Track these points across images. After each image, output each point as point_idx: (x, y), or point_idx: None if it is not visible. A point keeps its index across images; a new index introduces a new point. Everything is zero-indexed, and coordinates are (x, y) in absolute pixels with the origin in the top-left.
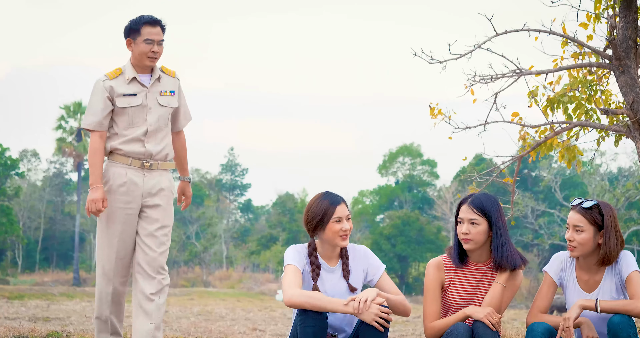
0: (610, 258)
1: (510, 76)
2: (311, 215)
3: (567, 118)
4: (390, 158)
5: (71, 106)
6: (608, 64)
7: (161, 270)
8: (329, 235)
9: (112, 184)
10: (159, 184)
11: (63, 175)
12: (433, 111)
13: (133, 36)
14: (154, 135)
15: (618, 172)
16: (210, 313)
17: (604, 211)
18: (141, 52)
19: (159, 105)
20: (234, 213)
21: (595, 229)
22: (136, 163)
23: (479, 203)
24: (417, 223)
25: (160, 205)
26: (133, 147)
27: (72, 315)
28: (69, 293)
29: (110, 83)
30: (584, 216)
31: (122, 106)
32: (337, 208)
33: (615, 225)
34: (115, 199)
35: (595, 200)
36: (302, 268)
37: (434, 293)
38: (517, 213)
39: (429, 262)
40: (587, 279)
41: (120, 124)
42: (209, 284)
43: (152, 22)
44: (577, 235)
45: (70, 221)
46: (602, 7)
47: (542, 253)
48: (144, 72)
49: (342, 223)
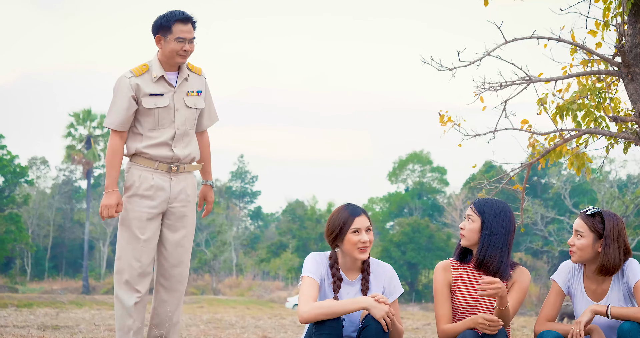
0: (610, 268)
1: (520, 83)
2: (331, 225)
3: (576, 125)
4: (400, 165)
5: (80, 114)
6: (617, 72)
7: (183, 280)
8: (348, 246)
9: (138, 187)
10: (185, 190)
11: (72, 183)
12: (442, 119)
13: (163, 33)
14: (182, 139)
15: (627, 179)
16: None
17: (606, 220)
18: (172, 50)
19: (186, 106)
20: (243, 221)
21: (595, 236)
22: (163, 167)
23: (480, 202)
24: (427, 230)
25: (186, 213)
26: (160, 151)
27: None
28: (78, 301)
29: (136, 81)
30: (585, 223)
31: (148, 106)
32: (355, 219)
33: (619, 235)
34: (140, 204)
35: (600, 209)
36: (320, 279)
37: (443, 295)
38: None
39: (436, 265)
40: (595, 288)
41: (146, 125)
42: (218, 292)
43: (184, 19)
44: (577, 240)
45: (79, 229)
46: (610, 14)
47: (551, 260)
48: (171, 70)
49: (361, 235)
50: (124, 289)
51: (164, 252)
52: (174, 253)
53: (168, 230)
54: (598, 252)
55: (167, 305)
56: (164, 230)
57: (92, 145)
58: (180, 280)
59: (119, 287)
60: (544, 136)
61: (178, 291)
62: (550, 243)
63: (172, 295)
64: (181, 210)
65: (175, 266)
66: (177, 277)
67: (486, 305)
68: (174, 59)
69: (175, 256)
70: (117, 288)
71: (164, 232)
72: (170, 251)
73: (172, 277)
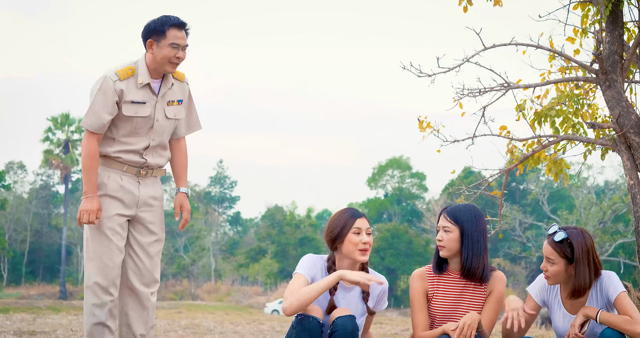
0: (581, 290)
1: (498, 89)
2: (332, 226)
3: (554, 132)
4: (379, 170)
5: (58, 118)
6: (595, 78)
7: (154, 283)
8: (348, 247)
9: (107, 188)
10: (153, 193)
11: (50, 187)
12: (422, 124)
13: (156, 38)
14: (155, 149)
15: (605, 185)
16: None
17: (574, 243)
18: (165, 56)
19: (166, 117)
20: (222, 226)
21: (566, 261)
22: (132, 170)
23: (454, 211)
24: (405, 236)
25: (155, 217)
26: (132, 157)
27: (59, 329)
28: (55, 306)
29: (121, 85)
30: (555, 250)
31: (128, 114)
32: (357, 220)
33: (588, 255)
34: (110, 205)
35: (565, 232)
36: (312, 279)
37: (419, 303)
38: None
39: (412, 274)
40: (572, 302)
41: (121, 131)
42: (197, 297)
43: (180, 25)
44: (550, 267)
45: (56, 234)
46: (588, 22)
47: (529, 266)
48: (156, 77)
49: (362, 235)
50: (96, 291)
51: (133, 256)
52: (142, 257)
53: (138, 234)
54: (571, 274)
55: (141, 306)
56: (134, 234)
57: (70, 150)
58: (148, 283)
59: (91, 290)
60: (523, 142)
61: (145, 292)
62: (528, 248)
63: (143, 296)
64: (150, 215)
65: (143, 270)
66: (144, 281)
67: (463, 313)
68: (164, 66)
69: (145, 260)
70: (88, 292)
71: (134, 236)
72: (139, 255)
73: (140, 280)
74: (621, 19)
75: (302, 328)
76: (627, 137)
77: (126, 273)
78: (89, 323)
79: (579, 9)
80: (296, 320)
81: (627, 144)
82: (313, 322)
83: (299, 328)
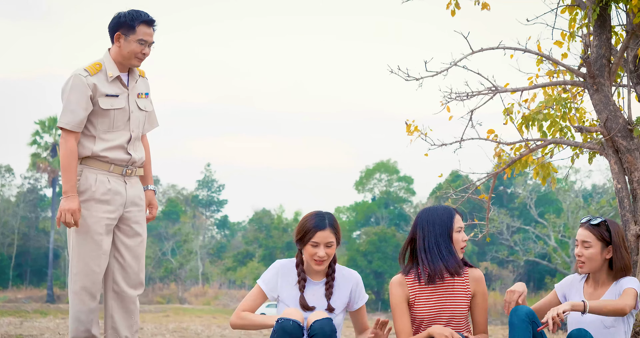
0: (625, 268)
1: (486, 93)
2: (296, 230)
3: (541, 135)
4: (367, 174)
5: (46, 121)
6: (582, 82)
7: (140, 286)
8: (306, 255)
9: (94, 192)
10: (139, 193)
11: (37, 191)
12: (409, 128)
13: (125, 32)
14: (134, 142)
15: (592, 189)
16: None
17: (611, 228)
18: (131, 51)
19: (139, 109)
20: (210, 229)
21: (602, 244)
22: (117, 170)
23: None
24: (393, 240)
25: (140, 219)
26: (117, 154)
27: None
28: (42, 310)
29: (92, 80)
30: (592, 232)
31: (105, 107)
32: (317, 233)
33: (624, 241)
34: (98, 209)
35: (602, 218)
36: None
37: (401, 310)
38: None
39: (391, 281)
40: (591, 293)
41: (100, 127)
42: (184, 301)
43: (150, 22)
44: (585, 251)
45: (44, 238)
46: (576, 25)
47: (517, 269)
48: (123, 71)
49: (318, 249)
50: (83, 297)
51: (119, 259)
52: (129, 259)
53: (124, 235)
54: (606, 259)
55: (126, 310)
56: (120, 236)
57: (57, 153)
58: (135, 284)
59: (78, 296)
60: (510, 146)
61: (132, 295)
62: (515, 252)
63: (129, 300)
64: (137, 215)
65: (129, 272)
66: (131, 282)
67: (447, 316)
68: (130, 61)
69: (132, 262)
70: (75, 297)
71: (120, 238)
72: (125, 257)
73: (127, 282)
74: (609, 22)
75: (283, 332)
76: (615, 141)
77: (112, 276)
78: (75, 329)
79: (566, 12)
80: (277, 324)
81: (614, 148)
82: (293, 325)
83: (280, 332)
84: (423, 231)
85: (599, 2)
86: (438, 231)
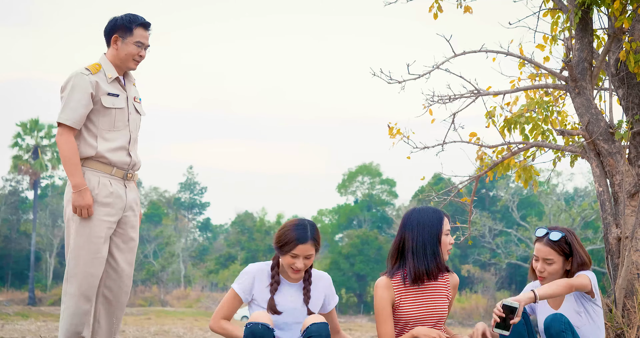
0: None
1: (468, 96)
2: (277, 238)
3: (523, 139)
4: (349, 177)
5: (28, 123)
6: (564, 86)
7: (128, 290)
8: (284, 263)
9: (97, 194)
10: (136, 198)
11: (19, 193)
12: (392, 131)
13: (122, 34)
14: (134, 144)
15: (574, 192)
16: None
17: (570, 240)
18: (129, 53)
19: (136, 111)
20: (192, 232)
21: (564, 258)
22: (119, 173)
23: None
24: (375, 242)
25: (136, 223)
26: (119, 156)
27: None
28: (23, 312)
29: (95, 78)
30: (553, 249)
31: (107, 105)
32: (298, 246)
33: (580, 245)
34: (99, 212)
35: (560, 231)
36: (249, 293)
37: (387, 313)
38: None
39: (377, 283)
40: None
41: (101, 126)
42: (166, 303)
43: (146, 25)
44: (548, 267)
45: (25, 240)
46: (558, 29)
47: (499, 272)
48: (119, 74)
49: (297, 260)
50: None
51: (112, 263)
52: (122, 264)
53: (119, 239)
54: (566, 269)
55: (112, 316)
56: (115, 240)
57: (39, 155)
58: (127, 291)
59: (73, 298)
60: (492, 149)
61: (122, 301)
62: (497, 255)
63: (117, 306)
64: (132, 220)
65: (123, 277)
66: (123, 288)
67: (432, 317)
68: (127, 63)
69: (125, 267)
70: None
71: (115, 242)
72: (119, 261)
73: (119, 287)
74: (591, 26)
75: (253, 336)
76: (596, 144)
77: (103, 281)
78: (66, 330)
79: (549, 16)
80: (246, 329)
81: (596, 151)
82: (263, 329)
83: (250, 337)
84: (412, 233)
85: (581, 5)
86: (427, 234)
